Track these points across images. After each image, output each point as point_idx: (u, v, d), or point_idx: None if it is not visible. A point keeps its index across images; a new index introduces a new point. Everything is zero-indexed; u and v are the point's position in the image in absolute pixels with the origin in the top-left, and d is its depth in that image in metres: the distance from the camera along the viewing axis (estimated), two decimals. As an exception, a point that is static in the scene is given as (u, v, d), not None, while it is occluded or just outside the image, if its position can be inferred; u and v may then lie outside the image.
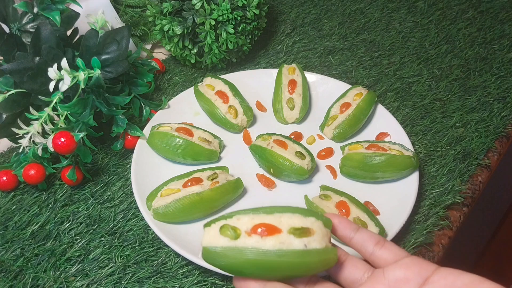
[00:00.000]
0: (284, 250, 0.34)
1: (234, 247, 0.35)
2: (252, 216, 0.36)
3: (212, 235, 0.36)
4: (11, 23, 0.61)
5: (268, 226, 0.35)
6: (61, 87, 0.56)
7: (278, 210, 0.36)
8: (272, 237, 0.35)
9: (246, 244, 0.35)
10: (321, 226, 0.36)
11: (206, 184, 0.53)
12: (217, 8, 0.66)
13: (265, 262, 0.34)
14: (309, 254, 0.35)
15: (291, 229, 0.35)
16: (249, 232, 0.35)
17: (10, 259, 0.53)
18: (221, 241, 0.35)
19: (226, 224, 0.36)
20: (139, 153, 0.60)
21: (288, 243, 0.35)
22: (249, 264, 0.35)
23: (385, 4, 0.88)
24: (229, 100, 0.64)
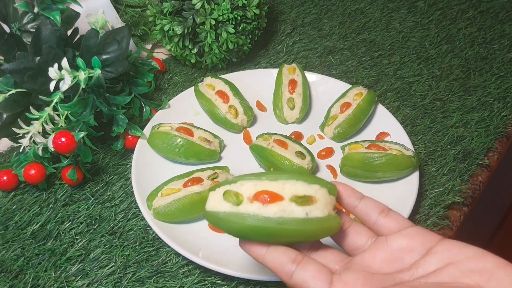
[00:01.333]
0: (285, 218, 0.34)
1: (236, 213, 0.35)
2: (255, 182, 0.36)
3: (216, 200, 0.36)
4: (11, 23, 0.61)
5: (271, 193, 0.35)
6: (62, 87, 0.56)
7: (282, 177, 0.36)
8: (273, 204, 0.35)
9: (248, 211, 0.35)
10: (325, 193, 0.36)
11: (206, 183, 0.53)
12: (217, 8, 0.66)
13: (266, 228, 0.34)
14: (310, 222, 0.35)
15: (293, 197, 0.35)
16: (251, 198, 0.35)
17: (10, 258, 0.53)
18: (224, 206, 0.35)
19: (229, 190, 0.36)
20: (140, 153, 0.60)
21: (290, 211, 0.35)
22: (250, 230, 0.35)
23: (385, 4, 0.88)
24: (229, 100, 0.64)
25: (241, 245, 0.37)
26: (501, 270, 0.31)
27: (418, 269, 0.33)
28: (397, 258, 0.35)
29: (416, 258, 0.34)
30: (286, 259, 0.35)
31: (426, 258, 0.33)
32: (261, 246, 0.36)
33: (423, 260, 0.33)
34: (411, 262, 0.34)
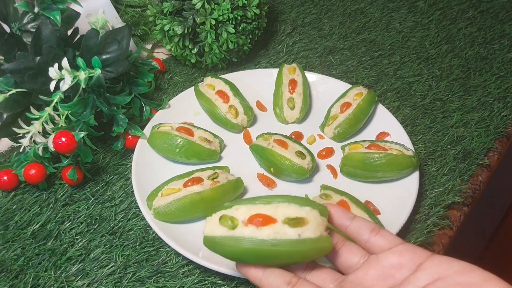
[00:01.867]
0: (279, 239, 0.36)
1: (232, 237, 0.37)
2: (249, 206, 0.38)
3: (212, 225, 0.38)
4: (11, 23, 0.61)
5: (264, 216, 0.37)
6: (62, 86, 0.56)
7: (275, 200, 0.38)
8: (267, 227, 0.36)
9: (243, 234, 0.36)
10: (316, 215, 0.37)
11: (206, 183, 0.53)
12: (217, 8, 0.66)
13: (260, 251, 0.36)
14: (303, 243, 0.36)
15: (286, 219, 0.37)
16: (246, 222, 0.37)
17: (11, 258, 0.53)
18: (220, 231, 0.37)
19: (225, 215, 0.38)
20: (140, 153, 0.60)
21: (283, 232, 0.36)
22: (246, 253, 0.36)
23: (385, 4, 0.88)
24: (229, 99, 0.64)
25: (238, 268, 0.38)
26: (488, 284, 0.32)
27: (409, 285, 0.34)
28: (388, 275, 0.36)
29: (407, 274, 0.35)
30: (281, 282, 0.36)
31: (416, 274, 0.35)
32: (257, 269, 0.37)
33: (413, 276, 0.35)
34: (402, 278, 0.35)
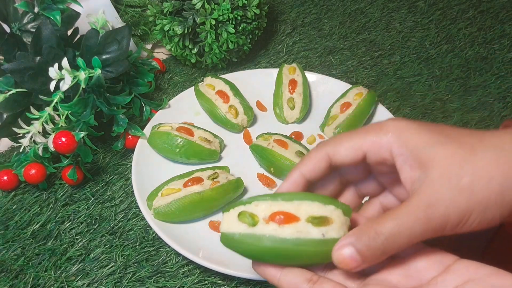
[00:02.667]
0: (302, 239, 0.34)
1: (252, 234, 0.35)
2: (270, 203, 0.35)
3: (230, 221, 0.36)
4: (11, 23, 0.61)
5: (286, 214, 0.35)
6: (62, 86, 0.56)
7: (297, 197, 0.36)
8: (290, 225, 0.34)
9: (264, 232, 0.34)
10: (340, 214, 0.36)
11: (206, 183, 0.53)
12: (217, 8, 0.66)
13: (282, 250, 0.34)
14: (327, 244, 0.34)
15: (310, 217, 0.35)
16: (267, 219, 0.35)
17: (11, 258, 0.53)
18: (239, 228, 0.35)
19: (244, 211, 0.36)
20: (140, 153, 0.60)
21: (306, 232, 0.34)
22: (266, 252, 0.35)
23: (385, 4, 0.88)
24: (229, 99, 0.64)
25: (255, 268, 0.37)
26: None
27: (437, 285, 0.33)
28: (414, 274, 0.34)
29: (434, 274, 0.33)
30: (301, 280, 0.34)
31: (444, 276, 0.33)
32: (275, 268, 0.35)
33: (441, 277, 0.33)
34: (429, 278, 0.33)
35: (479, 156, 0.31)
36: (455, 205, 0.31)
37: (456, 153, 0.32)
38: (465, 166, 0.31)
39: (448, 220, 0.31)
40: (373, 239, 0.32)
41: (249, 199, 0.36)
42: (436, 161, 0.32)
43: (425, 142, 0.32)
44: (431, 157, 0.32)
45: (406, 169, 0.33)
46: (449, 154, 0.32)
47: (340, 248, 0.33)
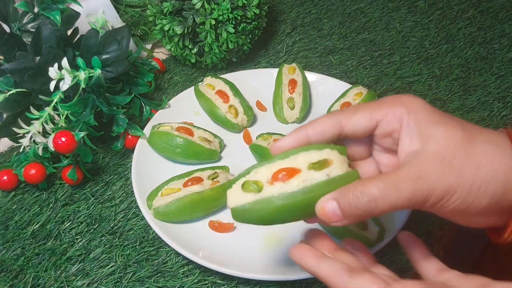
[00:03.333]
0: (309, 186, 0.34)
1: (261, 199, 0.35)
2: (268, 165, 0.36)
3: (236, 195, 0.36)
4: (11, 23, 0.61)
5: (287, 169, 0.35)
6: (62, 86, 0.56)
7: (291, 153, 0.36)
8: (294, 178, 0.35)
9: (271, 193, 0.35)
10: (337, 154, 0.36)
11: (206, 183, 0.53)
12: (217, 8, 0.66)
13: (294, 203, 0.34)
14: (334, 182, 0.34)
15: (310, 165, 0.35)
16: (271, 181, 0.35)
17: (11, 258, 0.53)
18: (247, 198, 0.35)
19: (247, 181, 0.36)
20: (140, 153, 0.60)
21: (311, 178, 0.35)
22: (279, 211, 0.35)
23: (385, 3, 0.88)
24: (229, 99, 0.64)
25: (293, 256, 0.37)
26: None
27: None
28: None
29: None
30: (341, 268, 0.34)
31: None
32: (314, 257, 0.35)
33: None
34: None
35: (475, 144, 0.33)
36: (442, 180, 0.32)
37: (456, 135, 0.34)
38: (460, 148, 0.33)
39: (433, 193, 0.32)
40: (357, 198, 0.33)
41: (247, 169, 0.37)
42: (435, 137, 0.34)
43: (432, 120, 0.34)
44: (432, 133, 0.34)
45: (406, 141, 0.35)
46: (448, 135, 0.34)
47: (324, 201, 0.34)
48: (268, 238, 0.52)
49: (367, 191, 0.33)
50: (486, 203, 0.33)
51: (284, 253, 0.51)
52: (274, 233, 0.53)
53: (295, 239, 0.52)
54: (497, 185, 0.33)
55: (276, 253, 0.51)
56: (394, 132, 0.36)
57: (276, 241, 0.52)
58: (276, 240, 0.52)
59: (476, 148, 0.33)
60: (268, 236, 0.53)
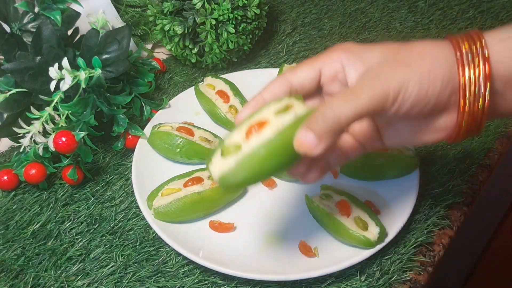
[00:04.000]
0: (283, 128, 0.35)
1: (243, 156, 0.35)
2: (238, 128, 0.37)
3: (218, 165, 0.37)
4: (12, 23, 0.61)
5: (257, 123, 0.36)
6: (62, 86, 0.56)
7: (255, 114, 0.37)
8: (265, 128, 0.36)
9: (251, 146, 0.35)
10: (294, 100, 0.38)
11: (206, 183, 0.53)
12: (217, 8, 0.66)
13: (274, 148, 0.35)
14: (302, 118, 0.36)
15: (276, 112, 0.36)
16: (245, 138, 0.36)
17: (11, 258, 0.53)
18: (230, 161, 0.36)
19: (224, 146, 0.37)
20: (140, 153, 0.60)
21: (281, 122, 0.36)
22: (263, 160, 0.35)
23: (385, 3, 0.88)
24: (229, 99, 0.64)
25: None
26: None
27: None
28: None
29: None
30: None
31: None
32: None
33: None
34: None
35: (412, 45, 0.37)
36: (393, 75, 0.35)
37: (392, 46, 0.37)
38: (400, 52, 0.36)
39: (390, 88, 0.34)
40: (323, 116, 0.34)
41: (220, 141, 0.38)
42: (374, 55, 0.37)
43: (366, 48, 0.38)
44: (371, 53, 0.37)
45: (351, 73, 0.38)
46: (385, 49, 0.37)
47: (299, 135, 0.35)
48: (268, 238, 0.52)
49: (329, 106, 0.34)
50: (439, 88, 0.35)
51: (284, 253, 0.51)
52: (274, 233, 0.53)
53: (295, 239, 0.52)
54: (443, 68, 0.35)
55: (276, 253, 0.51)
56: (338, 73, 0.39)
57: (276, 241, 0.52)
58: (276, 240, 0.52)
59: (413, 47, 0.36)
60: (268, 236, 0.53)
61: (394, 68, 0.35)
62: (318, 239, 0.51)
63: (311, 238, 0.52)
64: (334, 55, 0.39)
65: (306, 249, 0.50)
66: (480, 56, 0.35)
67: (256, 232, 0.53)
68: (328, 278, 0.49)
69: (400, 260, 0.50)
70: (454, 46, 0.36)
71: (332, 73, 0.39)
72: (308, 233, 0.52)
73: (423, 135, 0.39)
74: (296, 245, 0.51)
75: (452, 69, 0.35)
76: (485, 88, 0.35)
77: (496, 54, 0.35)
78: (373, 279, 0.49)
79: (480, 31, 0.36)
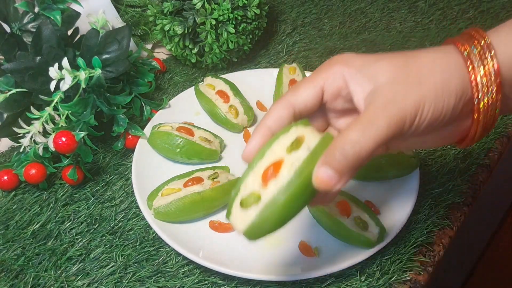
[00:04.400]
0: (299, 167, 0.34)
1: (264, 206, 0.34)
2: (252, 172, 0.35)
3: (240, 217, 0.35)
4: (12, 23, 0.61)
5: (271, 165, 0.35)
6: (62, 86, 0.56)
7: (264, 149, 0.36)
8: (281, 169, 0.34)
9: (270, 194, 0.34)
10: (303, 128, 0.36)
11: (206, 183, 0.53)
12: (217, 8, 0.66)
13: (295, 191, 0.34)
14: (316, 152, 0.34)
15: (288, 149, 0.35)
16: (262, 184, 0.35)
17: (11, 258, 0.53)
18: (251, 213, 0.34)
19: (243, 199, 0.35)
20: (140, 153, 0.60)
21: (296, 159, 0.34)
22: (286, 206, 0.34)
23: (385, 3, 0.88)
24: (229, 99, 0.64)
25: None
26: None
27: None
28: None
29: None
30: None
31: None
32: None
33: None
34: None
35: (419, 57, 0.35)
36: (408, 97, 0.33)
37: (398, 60, 0.35)
38: (408, 66, 0.35)
39: (406, 112, 0.33)
40: (342, 151, 0.33)
41: (234, 190, 0.36)
42: (381, 71, 0.35)
43: (369, 61, 0.36)
44: (377, 69, 0.35)
45: (357, 90, 0.36)
46: (392, 63, 0.35)
47: (316, 172, 0.33)
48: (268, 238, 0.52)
49: (347, 139, 0.33)
50: (453, 102, 0.34)
51: (284, 253, 0.51)
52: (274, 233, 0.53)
53: (295, 239, 0.52)
54: (456, 79, 0.34)
55: (276, 253, 0.51)
56: (341, 90, 0.37)
57: (276, 241, 0.52)
58: (276, 240, 0.52)
59: (421, 59, 0.35)
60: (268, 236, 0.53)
61: (408, 89, 0.34)
62: (318, 239, 0.52)
63: (311, 238, 0.52)
64: (334, 70, 0.37)
65: (306, 249, 0.50)
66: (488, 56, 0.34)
67: (256, 232, 0.53)
68: (328, 278, 0.49)
69: (400, 260, 0.50)
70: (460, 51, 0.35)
71: (335, 90, 0.37)
72: (308, 233, 0.52)
73: (431, 143, 0.38)
74: (296, 245, 0.51)
75: (464, 79, 0.34)
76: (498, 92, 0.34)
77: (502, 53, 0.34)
78: (373, 279, 0.49)
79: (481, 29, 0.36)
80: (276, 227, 0.35)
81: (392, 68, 0.35)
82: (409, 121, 0.33)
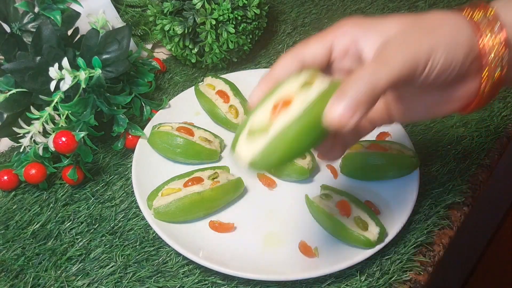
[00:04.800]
0: (309, 103, 0.33)
1: (273, 138, 0.33)
2: (262, 106, 0.35)
3: (246, 150, 0.34)
4: (12, 23, 0.61)
5: (281, 100, 0.34)
6: (62, 86, 0.56)
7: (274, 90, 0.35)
8: (291, 105, 0.33)
9: (279, 126, 0.33)
10: (313, 73, 0.36)
11: (206, 183, 0.53)
12: (217, 8, 0.66)
13: (306, 125, 0.33)
14: (327, 92, 0.33)
15: (299, 88, 0.34)
16: (271, 118, 0.34)
17: (11, 258, 0.53)
18: (258, 144, 0.33)
19: (250, 130, 0.34)
20: (140, 153, 0.60)
21: (306, 97, 0.33)
22: (295, 139, 0.33)
23: (385, 4, 0.88)
24: (229, 99, 0.64)
25: None
26: None
27: None
28: None
29: None
30: None
31: None
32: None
33: None
34: None
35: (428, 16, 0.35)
36: (423, 41, 0.34)
37: (408, 18, 0.36)
38: (419, 18, 0.35)
39: (420, 54, 0.33)
40: (355, 87, 0.32)
41: (243, 121, 0.35)
42: (392, 25, 0.35)
43: (378, 20, 0.36)
44: (387, 25, 0.35)
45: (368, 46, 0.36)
46: (401, 20, 0.35)
47: (329, 109, 0.32)
48: (268, 238, 0.52)
49: (361, 75, 0.32)
50: (462, 56, 0.34)
51: (284, 253, 0.51)
52: (274, 233, 0.53)
53: (295, 239, 0.52)
54: (465, 36, 0.34)
55: (276, 253, 0.51)
56: (350, 49, 0.37)
57: (276, 241, 0.52)
58: (276, 240, 0.52)
59: (430, 15, 0.35)
60: (268, 236, 0.53)
61: (421, 35, 0.34)
62: (318, 239, 0.52)
63: (311, 238, 0.52)
64: (345, 29, 0.37)
65: (306, 249, 0.50)
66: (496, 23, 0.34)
67: (256, 232, 0.53)
68: (328, 278, 0.49)
69: (400, 260, 0.50)
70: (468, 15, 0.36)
71: (344, 48, 0.37)
72: (308, 233, 0.52)
73: (437, 108, 0.38)
74: (296, 245, 0.51)
75: (472, 37, 0.35)
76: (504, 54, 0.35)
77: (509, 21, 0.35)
78: (373, 279, 0.49)
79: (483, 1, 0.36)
80: (282, 161, 0.34)
81: (402, 23, 0.35)
82: (422, 65, 0.33)
